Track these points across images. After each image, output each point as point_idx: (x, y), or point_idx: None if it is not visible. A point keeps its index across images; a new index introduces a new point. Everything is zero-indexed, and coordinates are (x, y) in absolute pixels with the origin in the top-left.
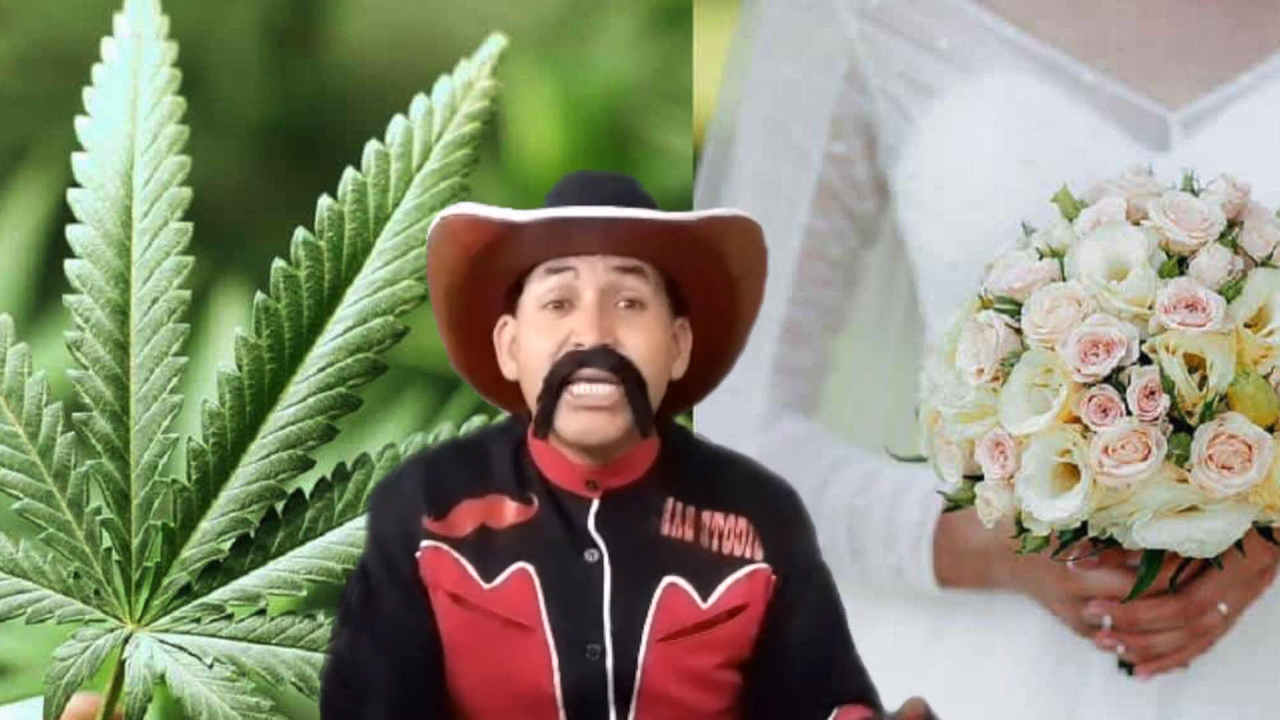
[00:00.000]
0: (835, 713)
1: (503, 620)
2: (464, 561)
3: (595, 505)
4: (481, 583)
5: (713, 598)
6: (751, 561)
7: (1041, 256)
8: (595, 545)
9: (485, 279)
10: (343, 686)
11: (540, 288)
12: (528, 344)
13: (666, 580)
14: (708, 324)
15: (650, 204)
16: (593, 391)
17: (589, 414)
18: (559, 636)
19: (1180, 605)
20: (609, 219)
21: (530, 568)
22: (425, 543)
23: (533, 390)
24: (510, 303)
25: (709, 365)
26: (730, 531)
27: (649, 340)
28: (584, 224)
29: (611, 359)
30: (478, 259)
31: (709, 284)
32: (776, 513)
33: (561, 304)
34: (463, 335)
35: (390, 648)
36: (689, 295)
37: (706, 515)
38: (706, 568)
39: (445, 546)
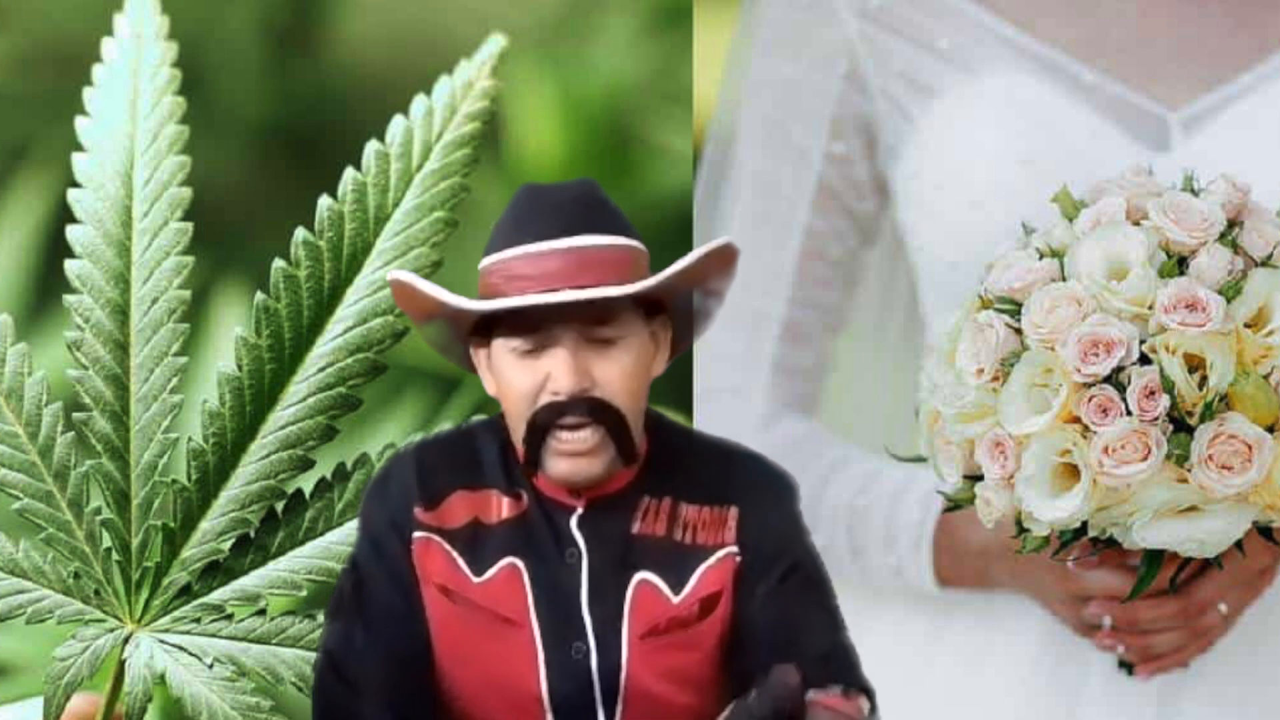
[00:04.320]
0: (812, 695)
1: (491, 615)
2: (455, 554)
3: (579, 510)
4: (471, 576)
5: (685, 590)
6: (723, 546)
7: (1041, 256)
8: (575, 544)
9: (447, 324)
10: (337, 680)
11: (510, 340)
12: (505, 380)
13: (638, 577)
14: (684, 319)
15: (611, 214)
16: (575, 437)
17: (572, 459)
18: (546, 634)
19: (1180, 605)
20: (573, 303)
21: (520, 563)
22: (418, 534)
23: (513, 421)
24: (480, 334)
25: (681, 346)
26: (707, 521)
27: (624, 374)
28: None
29: (590, 404)
30: (434, 314)
31: (684, 300)
32: (761, 499)
33: (533, 350)
34: (444, 352)
35: (384, 641)
36: (665, 304)
37: (684, 508)
38: (678, 560)
39: (437, 538)
